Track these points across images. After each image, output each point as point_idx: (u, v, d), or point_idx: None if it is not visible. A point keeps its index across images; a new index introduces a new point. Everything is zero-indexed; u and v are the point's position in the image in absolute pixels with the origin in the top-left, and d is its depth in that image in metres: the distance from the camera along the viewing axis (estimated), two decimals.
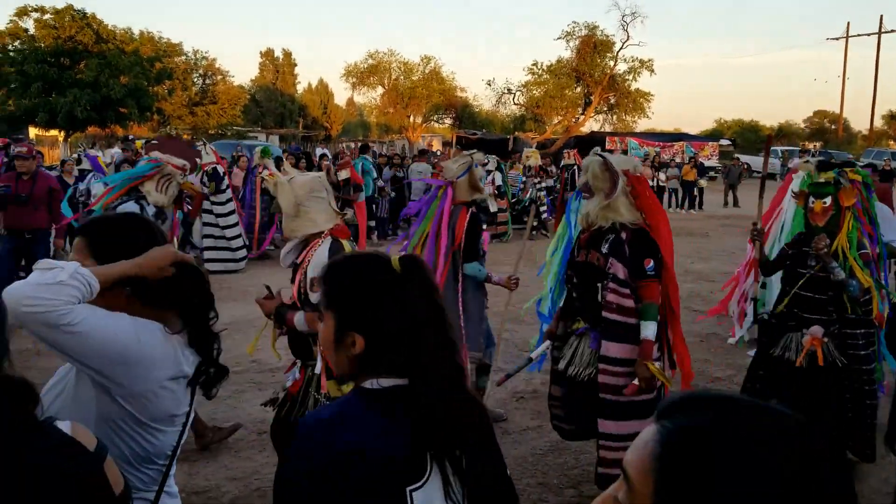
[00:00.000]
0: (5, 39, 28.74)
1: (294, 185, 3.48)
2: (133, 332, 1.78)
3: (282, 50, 52.25)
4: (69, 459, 1.25)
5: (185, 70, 40.32)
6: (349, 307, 1.54)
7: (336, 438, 1.42)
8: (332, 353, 1.58)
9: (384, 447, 1.43)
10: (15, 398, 1.23)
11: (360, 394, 1.53)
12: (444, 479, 1.48)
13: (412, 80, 41.32)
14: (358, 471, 1.39)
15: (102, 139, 29.45)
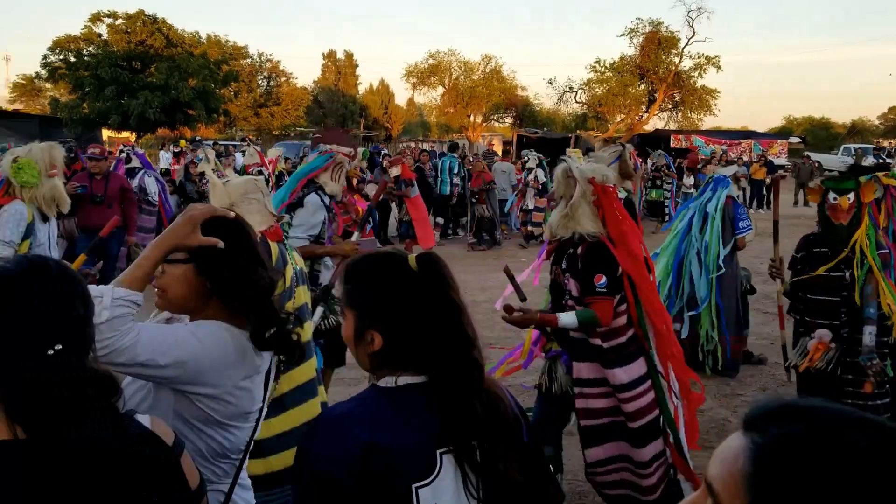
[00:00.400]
0: (80, 44, 29.86)
1: (229, 187, 3.49)
2: (196, 342, 1.77)
3: (344, 51, 52.92)
4: (147, 451, 1.27)
5: (251, 72, 41.23)
6: (367, 305, 1.57)
7: (348, 434, 1.45)
8: (353, 350, 1.61)
9: (394, 444, 1.45)
10: (99, 390, 1.26)
11: (376, 391, 1.56)
12: (461, 477, 1.49)
13: (472, 79, 41.28)
14: (366, 467, 1.42)
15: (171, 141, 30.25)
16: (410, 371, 1.54)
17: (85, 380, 1.25)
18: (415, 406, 1.51)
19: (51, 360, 1.22)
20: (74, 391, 1.22)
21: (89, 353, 1.32)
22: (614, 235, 3.57)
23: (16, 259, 1.34)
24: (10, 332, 1.23)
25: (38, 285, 1.28)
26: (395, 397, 1.53)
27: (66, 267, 1.36)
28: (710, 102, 38.65)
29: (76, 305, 1.30)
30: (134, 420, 1.32)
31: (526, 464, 1.61)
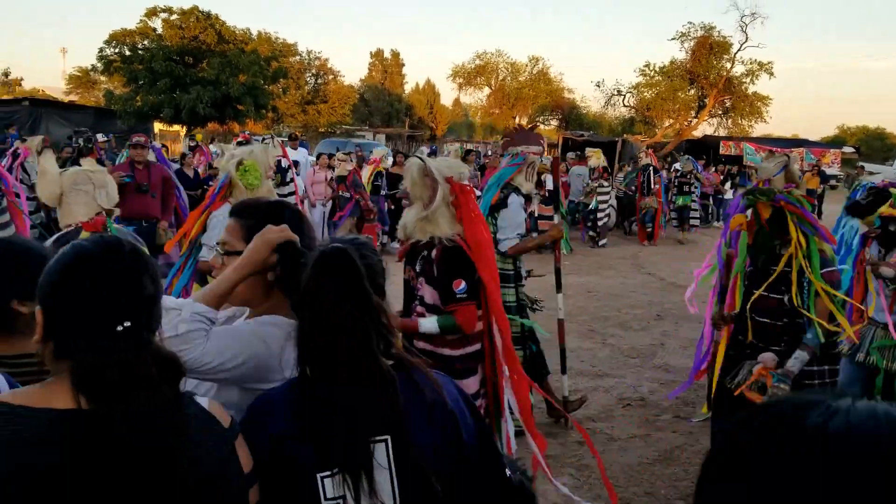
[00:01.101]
0: (135, 38, 30.45)
1: (62, 176, 3.75)
2: (260, 341, 1.79)
3: (391, 50, 53.16)
4: (203, 431, 1.32)
5: (299, 69, 41.63)
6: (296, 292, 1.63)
7: (265, 422, 1.52)
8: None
9: (299, 433, 1.50)
10: (164, 370, 1.30)
11: (296, 379, 1.61)
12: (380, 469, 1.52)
13: (519, 80, 41.11)
14: (278, 456, 1.48)
15: (221, 135, 30.70)
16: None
17: (150, 357, 1.29)
18: (326, 395, 1.54)
19: (119, 335, 1.26)
20: (138, 367, 1.26)
21: (155, 332, 1.36)
22: (470, 238, 3.39)
23: (92, 239, 1.38)
24: (83, 307, 1.28)
25: (111, 263, 1.32)
26: (311, 385, 1.56)
27: (138, 248, 1.39)
28: (761, 109, 37.89)
29: (146, 284, 1.33)
30: (193, 400, 1.36)
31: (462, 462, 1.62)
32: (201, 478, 1.29)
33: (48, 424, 1.21)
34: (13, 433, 1.19)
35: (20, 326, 1.83)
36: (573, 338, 7.92)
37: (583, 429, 3.74)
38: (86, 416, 1.22)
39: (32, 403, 1.23)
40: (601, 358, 7.17)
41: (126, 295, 1.30)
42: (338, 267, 1.57)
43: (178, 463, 1.26)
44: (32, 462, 1.17)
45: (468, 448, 1.65)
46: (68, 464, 1.18)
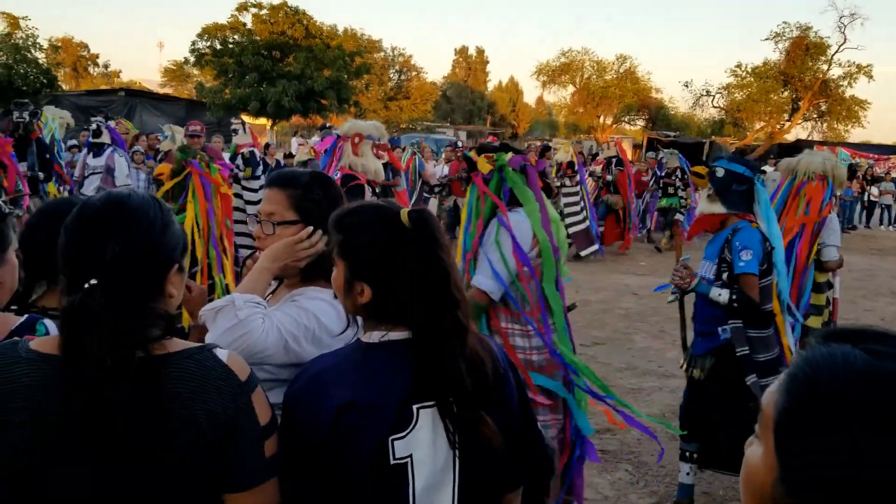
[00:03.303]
0: (226, 32, 31.38)
1: None
2: (314, 319, 1.84)
3: (475, 48, 53.21)
4: (220, 383, 1.35)
5: (383, 66, 42.13)
6: (358, 258, 1.59)
7: (327, 391, 1.51)
8: (342, 299, 1.66)
9: (372, 399, 1.50)
10: (146, 327, 1.34)
11: (359, 345, 1.61)
12: (438, 431, 1.53)
13: (605, 79, 40.54)
14: (342, 422, 1.48)
15: (304, 128, 31.33)
16: (395, 325, 1.57)
17: (121, 314, 1.30)
18: (396, 361, 1.54)
19: (88, 292, 1.30)
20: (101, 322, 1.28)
21: (141, 294, 1.36)
22: None
23: (92, 197, 1.46)
24: (62, 265, 1.36)
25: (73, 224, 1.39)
26: (378, 352, 1.56)
27: (105, 208, 1.40)
28: (858, 114, 36.06)
29: (107, 247, 1.35)
30: (211, 353, 1.39)
31: (510, 426, 1.63)
32: (217, 427, 1.32)
33: (52, 369, 1.30)
34: (40, 377, 1.30)
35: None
36: (643, 337, 7.68)
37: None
38: (56, 361, 1.30)
39: (52, 350, 1.32)
40: (669, 359, 6.91)
41: (90, 253, 1.33)
42: (426, 229, 1.60)
43: (157, 419, 1.29)
44: (47, 404, 1.28)
45: (513, 414, 1.69)
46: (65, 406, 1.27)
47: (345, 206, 1.75)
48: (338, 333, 1.83)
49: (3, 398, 1.28)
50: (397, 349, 1.55)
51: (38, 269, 1.94)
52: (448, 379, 1.52)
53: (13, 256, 1.75)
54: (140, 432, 1.28)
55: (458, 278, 1.62)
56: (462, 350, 1.55)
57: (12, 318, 1.69)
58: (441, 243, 1.61)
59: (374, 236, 1.59)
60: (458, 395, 1.53)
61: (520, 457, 1.69)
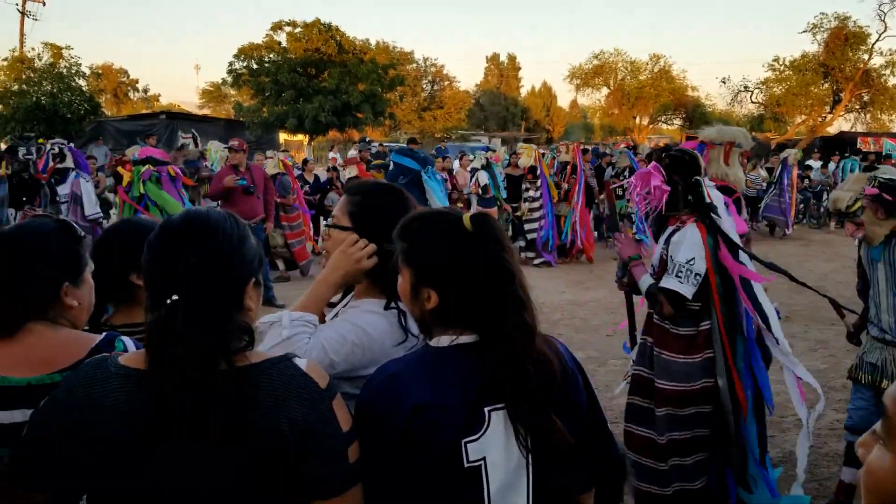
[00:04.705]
0: (262, 52, 31.87)
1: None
2: (363, 332, 1.84)
3: (507, 54, 53.20)
4: (301, 391, 1.38)
5: (416, 77, 42.37)
6: (424, 264, 1.61)
7: (401, 393, 1.51)
8: (408, 306, 1.68)
9: (444, 403, 1.51)
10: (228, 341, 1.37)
11: (427, 351, 1.61)
12: (510, 433, 1.54)
13: (639, 79, 40.19)
14: (416, 425, 1.48)
15: (340, 143, 31.61)
16: (462, 330, 1.58)
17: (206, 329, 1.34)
18: (465, 364, 1.55)
19: (170, 307, 1.34)
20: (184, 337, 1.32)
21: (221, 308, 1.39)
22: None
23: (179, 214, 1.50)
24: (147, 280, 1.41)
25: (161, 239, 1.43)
26: (447, 356, 1.57)
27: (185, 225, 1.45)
28: None
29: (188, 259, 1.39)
30: (291, 362, 1.42)
31: (580, 427, 1.63)
32: (300, 435, 1.35)
33: (140, 383, 1.34)
34: (128, 391, 1.34)
35: (139, 298, 1.99)
36: None
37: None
38: (143, 375, 1.34)
39: (135, 365, 1.37)
40: None
41: (171, 270, 1.37)
42: (489, 232, 1.61)
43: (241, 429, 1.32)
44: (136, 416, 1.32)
45: (583, 415, 1.69)
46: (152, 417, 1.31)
47: (408, 214, 1.77)
48: (392, 345, 1.85)
49: (98, 411, 1.33)
50: (466, 353, 1.56)
51: (105, 288, 2.00)
52: (516, 381, 1.53)
53: (90, 277, 1.81)
54: (225, 443, 1.31)
55: (523, 280, 1.63)
56: (530, 352, 1.56)
57: (92, 336, 1.75)
58: (505, 245, 1.63)
59: (438, 242, 1.61)
60: (527, 397, 1.53)
61: (592, 458, 1.70)
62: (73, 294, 1.75)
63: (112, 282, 2.03)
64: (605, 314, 8.45)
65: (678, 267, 3.43)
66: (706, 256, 3.45)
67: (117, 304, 2.09)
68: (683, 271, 3.41)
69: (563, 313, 8.53)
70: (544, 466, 1.58)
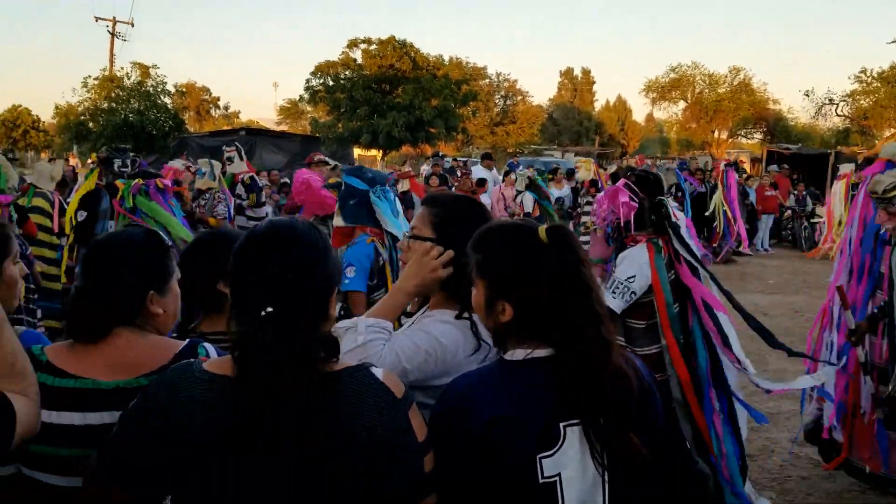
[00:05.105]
0: (338, 69, 32.55)
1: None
2: (436, 342, 1.84)
3: (581, 68, 52.90)
4: (378, 400, 1.38)
5: (489, 92, 42.53)
6: (499, 276, 1.59)
7: (476, 407, 1.50)
8: (483, 319, 1.67)
9: (519, 417, 1.49)
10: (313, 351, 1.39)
11: (502, 364, 1.59)
12: (585, 449, 1.51)
13: (718, 92, 39.42)
14: (491, 439, 1.47)
15: (413, 158, 31.93)
16: (537, 343, 1.55)
17: (295, 341, 1.36)
18: (540, 379, 1.53)
19: (264, 319, 1.36)
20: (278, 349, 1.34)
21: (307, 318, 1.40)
22: None
23: (263, 224, 1.51)
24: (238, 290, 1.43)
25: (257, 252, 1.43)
26: (522, 370, 1.55)
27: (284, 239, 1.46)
28: None
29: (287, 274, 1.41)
30: (368, 371, 1.43)
31: (658, 444, 1.59)
32: (377, 443, 1.36)
33: (232, 391, 1.36)
34: (211, 397, 1.37)
35: (226, 306, 1.96)
36: (777, 359, 7.25)
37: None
38: (246, 384, 1.34)
39: (224, 371, 1.39)
40: None
41: (266, 283, 1.39)
42: (565, 244, 1.60)
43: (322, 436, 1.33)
44: (219, 420, 1.34)
45: (660, 432, 1.65)
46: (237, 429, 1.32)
47: (483, 226, 1.75)
48: (466, 356, 1.84)
49: (183, 414, 1.36)
50: (542, 367, 1.54)
51: (193, 296, 2.06)
52: (592, 397, 1.50)
53: (176, 286, 1.86)
54: (306, 450, 1.33)
55: (599, 293, 1.60)
56: (606, 367, 1.53)
57: (177, 342, 1.79)
58: (581, 258, 1.60)
59: (513, 254, 1.59)
60: (603, 413, 1.51)
61: (670, 475, 1.66)
62: (159, 302, 1.79)
63: (200, 290, 2.09)
64: None
65: (616, 282, 3.48)
66: (653, 276, 3.43)
67: (204, 312, 2.15)
68: (620, 287, 3.45)
69: None
70: (621, 483, 1.55)
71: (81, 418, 1.65)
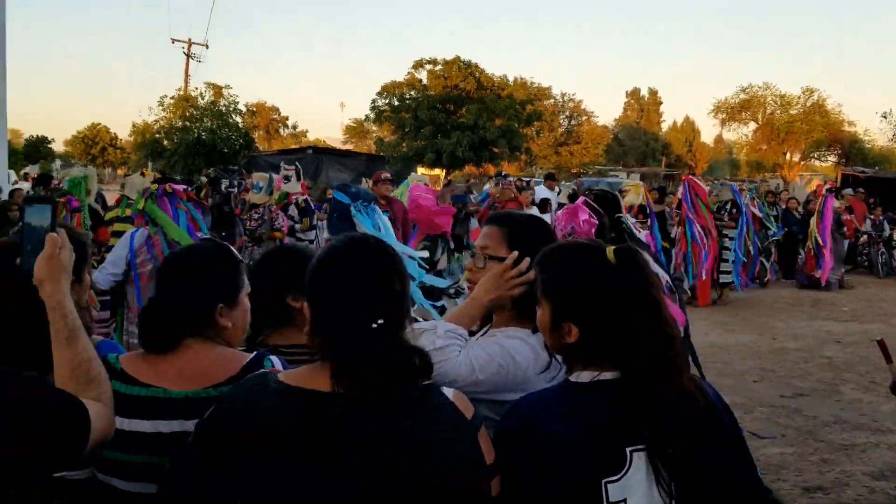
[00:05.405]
0: (403, 89, 32.97)
1: None
2: (509, 356, 1.84)
3: (648, 88, 52.29)
4: (449, 421, 1.39)
5: (553, 112, 42.37)
6: (565, 297, 1.57)
7: (540, 428, 1.48)
8: (547, 339, 1.65)
9: (583, 439, 1.46)
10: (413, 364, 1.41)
11: (567, 386, 1.57)
12: (651, 475, 1.46)
13: (790, 113, 38.38)
14: (555, 462, 1.44)
15: (476, 177, 32.00)
16: (604, 365, 1.52)
17: (401, 353, 1.38)
18: (606, 402, 1.49)
19: (374, 332, 1.37)
20: (391, 362, 1.36)
21: (405, 328, 1.45)
22: None
23: (343, 238, 1.51)
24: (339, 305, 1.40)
25: (361, 264, 1.43)
26: (587, 392, 1.52)
27: (385, 247, 1.49)
28: None
29: (395, 283, 1.44)
30: (440, 391, 1.44)
31: (728, 471, 1.54)
32: (447, 464, 1.35)
33: (313, 404, 1.35)
34: (291, 409, 1.36)
35: (296, 319, 2.04)
36: (852, 389, 7.00)
37: None
38: (341, 399, 1.34)
39: (303, 384, 1.39)
40: (885, 412, 6.24)
41: (376, 294, 1.40)
42: (634, 265, 1.57)
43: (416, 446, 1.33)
44: (303, 434, 1.32)
45: (730, 458, 1.59)
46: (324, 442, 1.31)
47: (548, 245, 1.74)
48: (535, 373, 1.82)
49: (259, 424, 1.36)
50: (608, 390, 1.50)
51: (263, 310, 2.08)
52: (658, 422, 1.46)
53: (245, 299, 1.89)
54: (389, 465, 1.32)
55: (668, 316, 1.57)
56: (674, 392, 1.49)
57: (244, 354, 1.82)
58: (650, 280, 1.57)
59: (580, 274, 1.56)
60: (669, 438, 1.46)
61: (736, 492, 1.58)
62: (228, 315, 1.82)
63: (269, 304, 2.11)
64: (751, 359, 8.01)
65: None
66: None
67: (274, 325, 2.16)
68: None
69: (706, 356, 8.12)
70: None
71: (151, 426, 1.69)
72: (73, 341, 1.50)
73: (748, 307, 11.25)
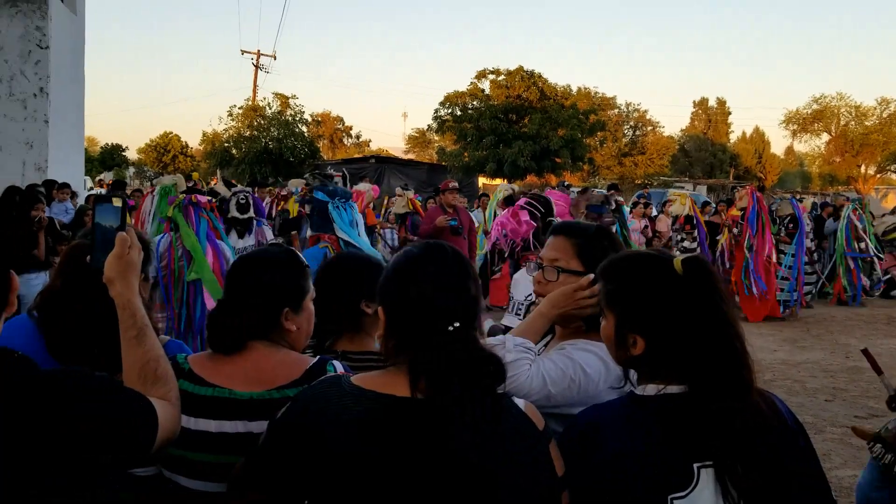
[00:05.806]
0: (466, 99, 33.05)
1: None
2: (580, 371, 1.84)
3: (716, 98, 51.22)
4: (521, 430, 1.39)
5: (617, 122, 41.83)
6: (630, 308, 1.54)
7: (604, 441, 1.46)
8: (611, 350, 1.62)
9: (648, 454, 1.43)
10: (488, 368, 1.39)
11: (633, 400, 1.53)
12: (719, 492, 1.43)
13: (865, 125, 37.00)
14: (620, 476, 1.42)
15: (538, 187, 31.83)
16: (669, 379, 1.50)
17: (478, 355, 1.38)
18: (673, 416, 1.46)
19: (451, 334, 1.38)
20: (469, 365, 1.36)
21: (477, 331, 1.45)
22: None
23: (420, 245, 1.53)
24: (417, 308, 1.41)
25: (439, 268, 1.45)
26: (653, 406, 1.49)
27: (459, 252, 1.51)
28: None
29: (470, 287, 1.45)
30: (511, 400, 1.44)
31: (800, 490, 1.48)
32: (522, 474, 1.35)
33: (388, 408, 1.35)
34: (365, 412, 1.36)
35: (366, 325, 2.14)
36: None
37: None
38: (421, 404, 1.34)
39: (377, 388, 1.39)
40: None
41: (454, 297, 1.41)
42: (703, 277, 1.53)
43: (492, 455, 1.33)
44: (378, 439, 1.33)
45: (803, 480, 1.52)
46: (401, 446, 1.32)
47: (615, 254, 1.71)
48: (607, 387, 1.80)
49: (333, 426, 1.37)
50: (675, 404, 1.47)
51: (334, 315, 2.12)
52: (727, 438, 1.42)
53: (310, 304, 1.91)
54: (457, 470, 1.32)
55: (739, 330, 1.52)
56: (743, 407, 1.45)
57: (307, 358, 1.84)
58: (720, 291, 1.52)
59: (646, 285, 1.53)
60: (738, 455, 1.43)
61: None
62: (293, 319, 1.85)
63: (342, 309, 2.14)
64: (823, 377, 7.71)
65: (516, 305, 3.59)
66: None
67: (343, 330, 2.18)
68: (523, 308, 3.54)
69: (775, 373, 7.87)
70: None
71: (217, 426, 1.72)
72: (141, 339, 1.53)
73: (820, 323, 10.87)
